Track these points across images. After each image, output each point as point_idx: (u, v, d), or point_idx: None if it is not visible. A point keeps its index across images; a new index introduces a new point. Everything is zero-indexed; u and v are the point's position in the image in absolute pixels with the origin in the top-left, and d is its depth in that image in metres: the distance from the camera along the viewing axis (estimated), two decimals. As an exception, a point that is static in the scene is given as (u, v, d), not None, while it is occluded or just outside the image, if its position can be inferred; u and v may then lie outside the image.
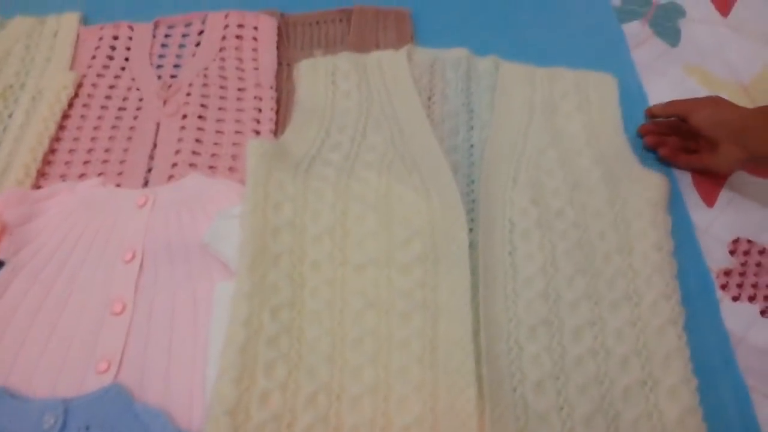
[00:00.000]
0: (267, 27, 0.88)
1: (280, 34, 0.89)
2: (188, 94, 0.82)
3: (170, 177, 0.75)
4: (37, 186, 0.74)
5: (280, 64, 0.86)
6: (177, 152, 0.77)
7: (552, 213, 0.70)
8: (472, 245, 0.66)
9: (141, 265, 0.66)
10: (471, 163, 0.76)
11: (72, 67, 0.86)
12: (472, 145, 0.77)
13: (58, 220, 0.70)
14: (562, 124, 0.78)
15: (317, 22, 0.92)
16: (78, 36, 0.89)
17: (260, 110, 0.81)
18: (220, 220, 0.68)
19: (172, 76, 0.86)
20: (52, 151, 0.77)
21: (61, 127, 0.79)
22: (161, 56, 0.88)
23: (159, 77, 0.85)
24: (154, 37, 0.90)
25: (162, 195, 0.71)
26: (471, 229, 0.68)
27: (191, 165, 0.76)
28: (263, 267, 0.64)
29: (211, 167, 0.76)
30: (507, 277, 0.65)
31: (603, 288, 0.64)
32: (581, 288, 0.64)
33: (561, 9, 0.95)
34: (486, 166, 0.73)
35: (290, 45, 0.90)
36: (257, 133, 0.79)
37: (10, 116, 0.80)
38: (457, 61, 0.84)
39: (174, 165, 0.76)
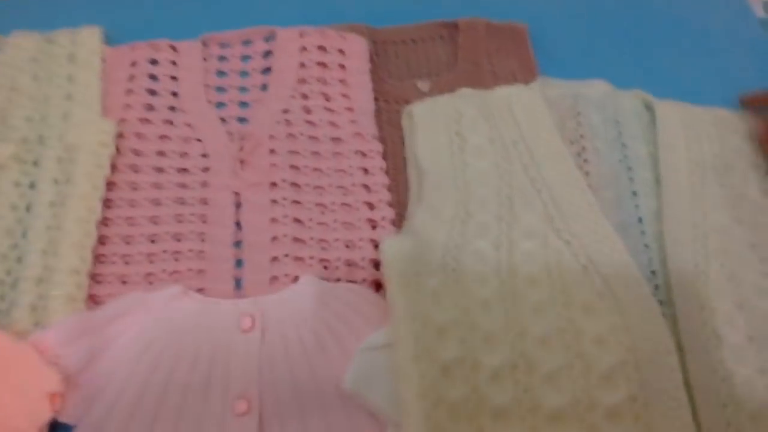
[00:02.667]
0: (357, 51, 0.69)
1: (371, 60, 0.69)
2: (272, 151, 0.63)
3: (273, 278, 0.57)
4: (92, 299, 0.55)
5: (376, 99, 0.67)
6: (274, 239, 0.58)
7: (760, 317, 0.56)
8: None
9: (260, 420, 0.50)
10: (644, 246, 0.61)
11: (104, 109, 0.64)
12: (640, 219, 0.62)
13: (135, 354, 0.51)
14: (740, 189, 0.64)
15: (413, 41, 0.73)
16: (105, 60, 0.67)
17: (366, 171, 0.63)
18: (362, 354, 0.51)
19: (240, 119, 0.66)
20: (101, 241, 0.58)
21: (106, 204, 0.59)
22: (219, 89, 0.68)
23: (223, 120, 0.65)
24: (205, 60, 0.69)
25: (272, 311, 0.54)
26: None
27: (297, 259, 0.57)
28: (434, 423, 0.48)
29: (323, 261, 0.58)
30: (730, 415, 0.52)
31: None
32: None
33: (696, 21, 0.78)
34: (669, 252, 0.59)
35: (384, 72, 0.70)
36: (369, 206, 0.61)
37: (32, 186, 0.59)
38: (602, 100, 0.67)
39: (274, 259, 0.57)
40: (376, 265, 0.58)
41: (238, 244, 0.59)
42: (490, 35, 0.72)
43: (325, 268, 0.58)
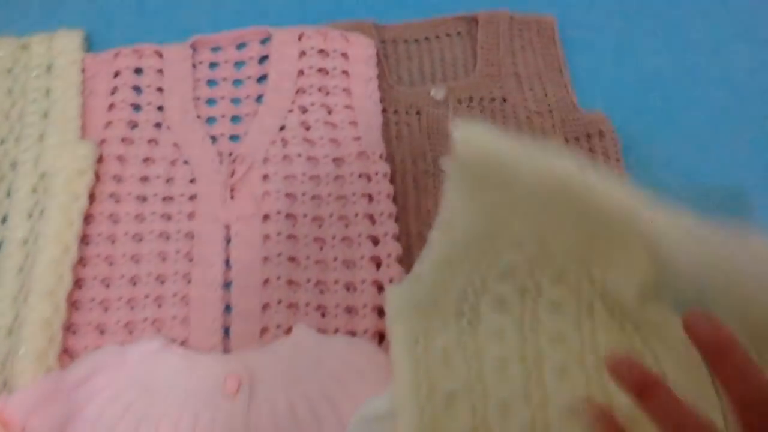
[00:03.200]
0: (363, 55, 0.61)
1: (378, 64, 0.61)
2: (265, 177, 0.56)
3: (264, 330, 0.51)
4: (66, 352, 0.50)
5: (384, 110, 0.60)
6: (266, 283, 0.52)
7: None
8: None
9: (248, 498, 0.45)
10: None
11: (84, 127, 0.58)
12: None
13: (109, 421, 0.47)
14: None
15: (427, 39, 0.64)
16: (84, 71, 0.61)
17: (371, 198, 0.56)
18: (359, 425, 0.45)
19: (232, 137, 0.59)
20: (77, 284, 0.52)
21: (83, 240, 0.54)
22: (210, 102, 0.61)
23: (213, 139, 0.59)
24: (194, 67, 0.62)
25: (260, 371, 0.48)
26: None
27: (291, 306, 0.51)
28: None
29: (320, 308, 0.52)
30: None
31: None
32: None
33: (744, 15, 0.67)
34: None
35: (393, 78, 0.62)
36: (373, 240, 0.54)
37: (3, 221, 0.54)
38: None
39: (266, 307, 0.51)
40: (380, 312, 0.52)
41: (227, 285, 0.53)
42: (513, 30, 0.63)
43: (323, 315, 0.51)
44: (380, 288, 0.53)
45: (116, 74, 0.61)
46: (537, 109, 0.60)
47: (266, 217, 0.54)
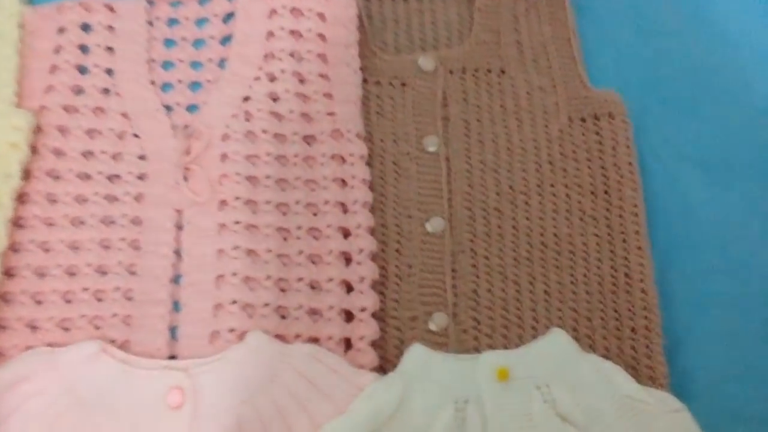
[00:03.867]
0: (342, 16, 0.53)
1: (360, 27, 0.53)
2: (224, 157, 0.49)
3: (215, 334, 0.45)
4: (-8, 354, 0.44)
5: (365, 81, 0.52)
6: (219, 279, 0.46)
7: None
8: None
9: None
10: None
11: (21, 92, 0.51)
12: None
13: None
14: None
15: (417, -1, 0.56)
16: (23, 26, 0.53)
17: (344, 183, 0.49)
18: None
19: (190, 107, 0.52)
20: (7, 272, 0.46)
21: (15, 222, 0.47)
22: (167, 64, 0.54)
23: (168, 109, 0.52)
24: (150, 25, 0.54)
25: (208, 383, 0.43)
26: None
27: (247, 307, 0.45)
28: None
29: (279, 309, 0.46)
30: None
31: None
32: None
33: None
34: None
35: (376, 43, 0.55)
36: (344, 232, 0.48)
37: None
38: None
39: (218, 307, 0.45)
40: (348, 315, 0.46)
41: (176, 279, 0.47)
42: (518, -5, 0.55)
43: (283, 317, 0.46)
44: (349, 288, 0.46)
45: (60, 31, 0.53)
46: (540, 84, 0.53)
47: (223, 203, 0.48)
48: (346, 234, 0.48)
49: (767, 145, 0.52)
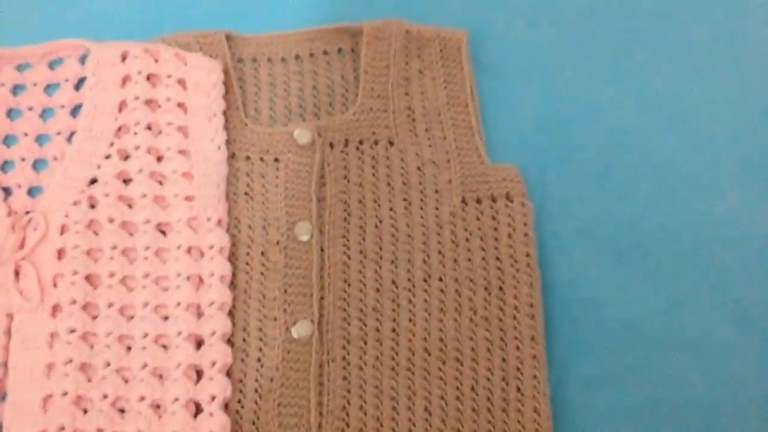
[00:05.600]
0: (205, 82, 0.46)
1: (227, 92, 0.47)
2: (60, 253, 0.43)
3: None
4: None
5: (233, 156, 0.46)
6: (47, 400, 0.40)
7: None
8: None
9: None
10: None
11: None
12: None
13: None
14: None
15: (297, 57, 0.50)
16: None
17: (201, 281, 0.43)
18: None
19: (31, 190, 0.46)
20: None
21: None
22: (9, 139, 0.47)
23: (6, 192, 0.45)
24: (-8, 91, 0.48)
25: None
26: None
27: (75, 435, 0.39)
28: None
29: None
30: None
31: None
32: None
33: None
34: None
35: (248, 110, 0.48)
36: (197, 342, 0.42)
37: None
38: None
39: (42, 436, 0.39)
40: (189, 439, 0.40)
41: (3, 396, 0.41)
42: (410, 49, 0.48)
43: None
44: (198, 409, 0.40)
45: None
46: (432, 158, 0.46)
47: (56, 308, 0.41)
48: (199, 343, 0.42)
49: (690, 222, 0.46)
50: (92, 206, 0.44)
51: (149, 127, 0.46)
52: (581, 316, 0.44)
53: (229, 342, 0.42)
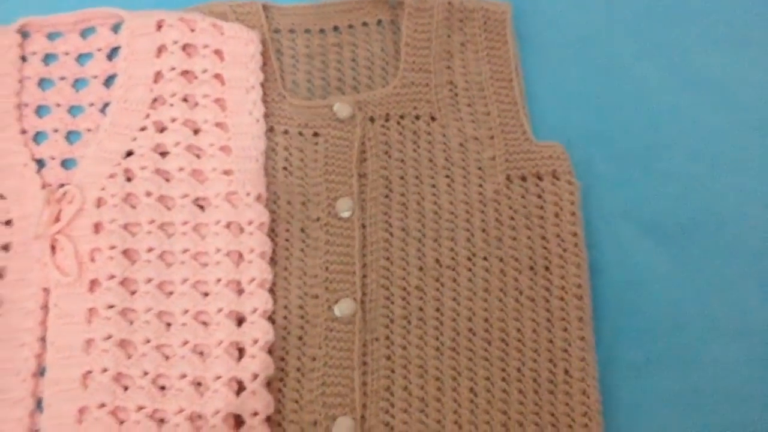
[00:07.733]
0: (243, 53, 0.45)
1: (265, 64, 0.46)
2: (97, 227, 0.42)
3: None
4: None
5: (270, 129, 0.45)
6: (87, 376, 0.39)
7: None
8: None
9: None
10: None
11: None
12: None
13: None
14: None
15: (335, 28, 0.48)
16: None
17: (240, 257, 0.42)
18: None
19: (65, 162, 0.45)
20: None
21: None
22: (42, 109, 0.46)
23: (39, 164, 0.44)
24: (23, 60, 0.47)
25: None
26: None
27: (117, 411, 0.39)
28: None
29: (155, 415, 0.39)
30: None
31: None
32: None
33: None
34: None
35: (285, 84, 0.47)
36: (238, 318, 0.41)
37: None
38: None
39: (82, 412, 0.38)
40: (238, 420, 0.39)
41: (41, 373, 0.40)
42: (452, 21, 0.47)
43: (161, 421, 0.39)
44: (240, 387, 0.39)
45: None
46: (475, 134, 0.45)
47: (94, 283, 0.41)
48: (240, 321, 0.41)
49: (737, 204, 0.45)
50: (129, 179, 0.43)
51: (185, 99, 0.45)
52: (626, 298, 0.43)
53: (270, 319, 0.41)
